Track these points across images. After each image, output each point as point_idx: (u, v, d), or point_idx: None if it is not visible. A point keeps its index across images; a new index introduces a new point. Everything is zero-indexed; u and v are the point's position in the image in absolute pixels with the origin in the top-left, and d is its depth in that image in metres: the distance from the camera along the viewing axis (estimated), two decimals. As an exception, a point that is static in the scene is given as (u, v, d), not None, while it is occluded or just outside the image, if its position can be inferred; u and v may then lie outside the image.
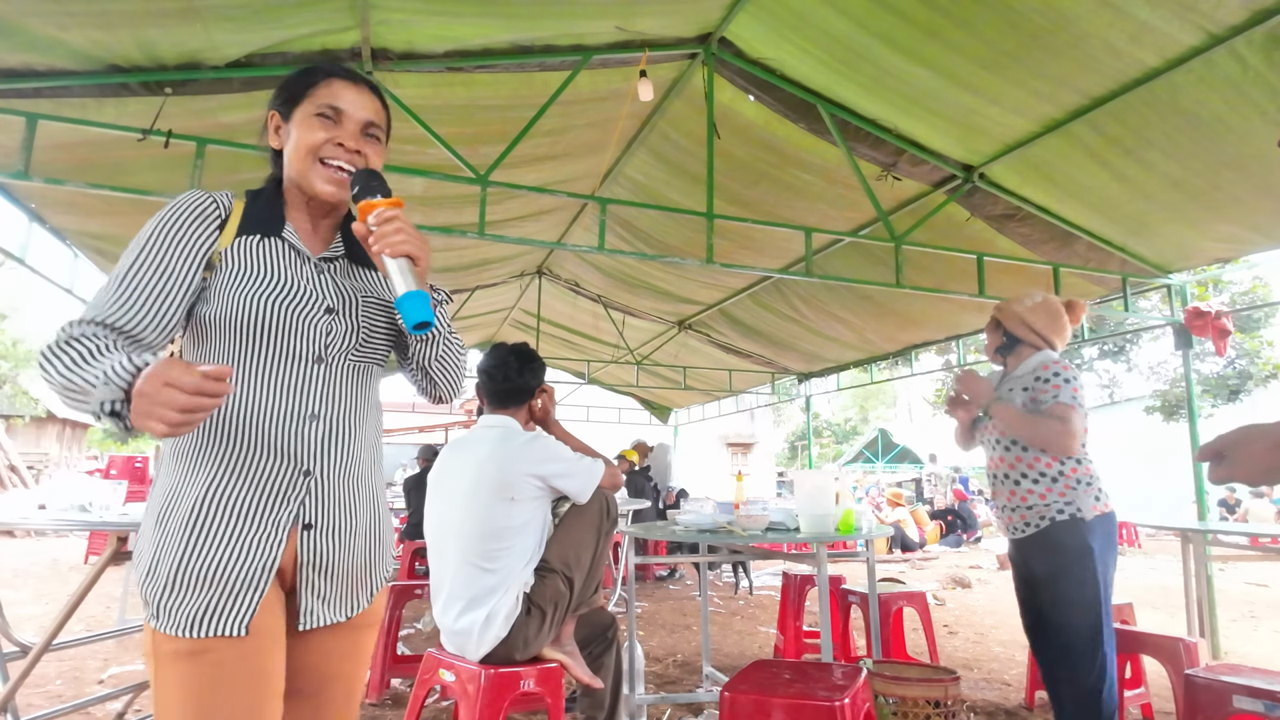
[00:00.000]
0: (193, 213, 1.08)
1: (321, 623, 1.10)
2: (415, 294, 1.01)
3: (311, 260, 1.14)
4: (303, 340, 1.08)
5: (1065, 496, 2.28)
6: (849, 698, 1.82)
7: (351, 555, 1.11)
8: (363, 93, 1.15)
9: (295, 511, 1.05)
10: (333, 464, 1.09)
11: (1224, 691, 2.13)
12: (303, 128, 1.11)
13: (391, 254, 1.02)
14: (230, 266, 1.08)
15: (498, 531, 2.15)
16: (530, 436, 2.29)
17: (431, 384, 1.25)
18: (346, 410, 1.12)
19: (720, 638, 4.84)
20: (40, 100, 2.93)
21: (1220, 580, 5.31)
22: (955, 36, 2.99)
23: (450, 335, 1.24)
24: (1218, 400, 16.17)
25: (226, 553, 1.02)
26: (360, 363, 1.15)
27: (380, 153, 1.18)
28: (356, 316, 1.14)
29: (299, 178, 1.11)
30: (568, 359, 9.85)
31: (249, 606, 1.02)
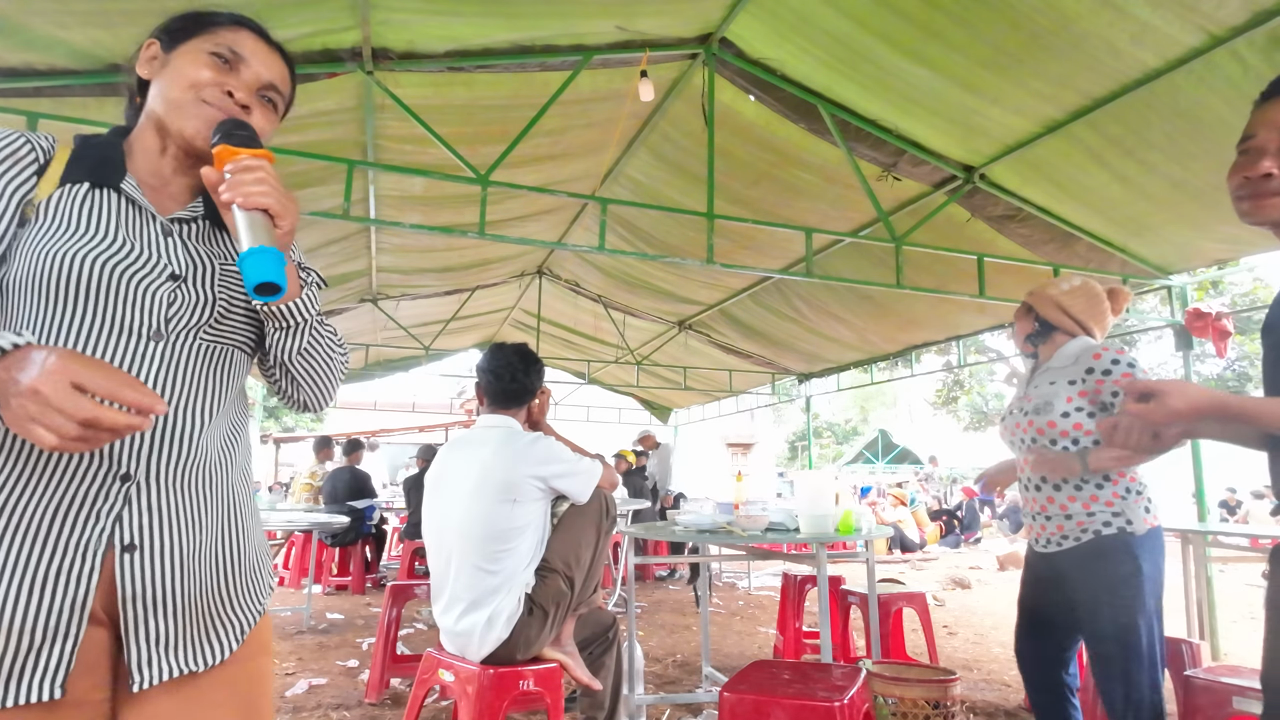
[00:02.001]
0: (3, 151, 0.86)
1: (165, 676, 0.84)
2: (262, 250, 0.82)
3: (157, 219, 0.92)
4: (136, 310, 0.86)
5: (1113, 506, 2.01)
6: (848, 698, 1.82)
7: (197, 582, 0.87)
8: (273, 54, 0.99)
9: (109, 529, 0.81)
10: (166, 465, 0.85)
11: (1224, 692, 2.13)
12: (189, 61, 0.92)
13: (244, 205, 0.84)
14: (44, 220, 0.85)
15: (500, 533, 2.15)
16: (533, 437, 2.30)
17: (293, 384, 1.02)
18: (191, 399, 0.89)
19: (720, 638, 4.84)
20: (41, 99, 2.93)
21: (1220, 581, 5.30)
22: (956, 37, 2.99)
23: (321, 327, 1.01)
24: (1218, 401, 16.16)
25: (17, 589, 0.76)
26: (214, 344, 0.93)
27: (273, 122, 1.00)
28: (210, 287, 0.92)
29: (165, 110, 0.91)
30: (568, 359, 9.85)
31: (59, 662, 0.78)
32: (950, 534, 12.32)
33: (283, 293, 0.83)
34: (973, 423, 19.33)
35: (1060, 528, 2.08)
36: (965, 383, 18.98)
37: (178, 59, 0.93)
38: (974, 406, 19.26)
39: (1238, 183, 1.11)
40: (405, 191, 4.63)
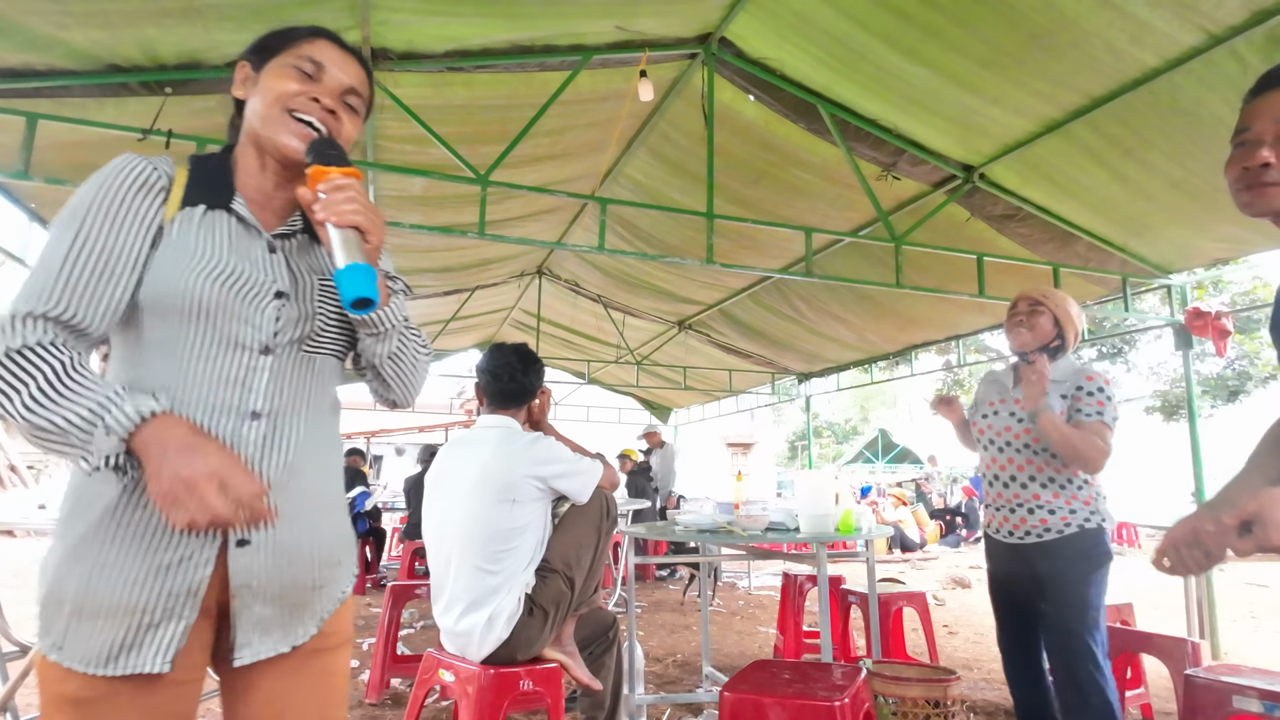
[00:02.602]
0: (135, 181, 0.93)
1: (262, 655, 0.95)
2: (356, 266, 0.89)
3: (264, 236, 0.99)
4: (248, 327, 0.94)
5: (1090, 505, 2.22)
6: (848, 698, 1.82)
7: (296, 575, 0.96)
8: (350, 59, 1.04)
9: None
10: (275, 469, 0.94)
11: (1224, 692, 2.13)
12: (275, 76, 0.98)
13: (338, 223, 0.91)
14: (169, 242, 0.93)
15: (500, 533, 2.15)
16: (532, 437, 2.29)
17: (384, 385, 1.10)
18: (295, 408, 0.97)
19: (720, 638, 4.84)
20: (40, 100, 2.93)
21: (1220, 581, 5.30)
22: (955, 36, 2.99)
23: (408, 332, 1.08)
24: (1217, 401, 16.17)
25: (142, 575, 0.86)
26: (314, 355, 1.00)
27: (358, 126, 1.05)
28: (310, 302, 1.00)
29: (261, 127, 0.97)
30: (568, 359, 9.85)
31: (172, 639, 0.87)
32: (950, 534, 12.32)
33: (375, 305, 0.91)
34: (973, 422, 19.30)
35: (1043, 521, 2.25)
36: (965, 382, 18.97)
37: (265, 77, 0.99)
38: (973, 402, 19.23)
39: (1236, 174, 1.11)
40: (405, 191, 4.63)
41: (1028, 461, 2.29)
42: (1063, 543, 2.21)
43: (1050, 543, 2.23)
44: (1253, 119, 1.10)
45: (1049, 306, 2.34)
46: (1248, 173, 1.09)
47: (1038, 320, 2.34)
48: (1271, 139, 1.07)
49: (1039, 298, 2.37)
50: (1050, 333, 2.34)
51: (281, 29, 1.04)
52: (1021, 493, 2.29)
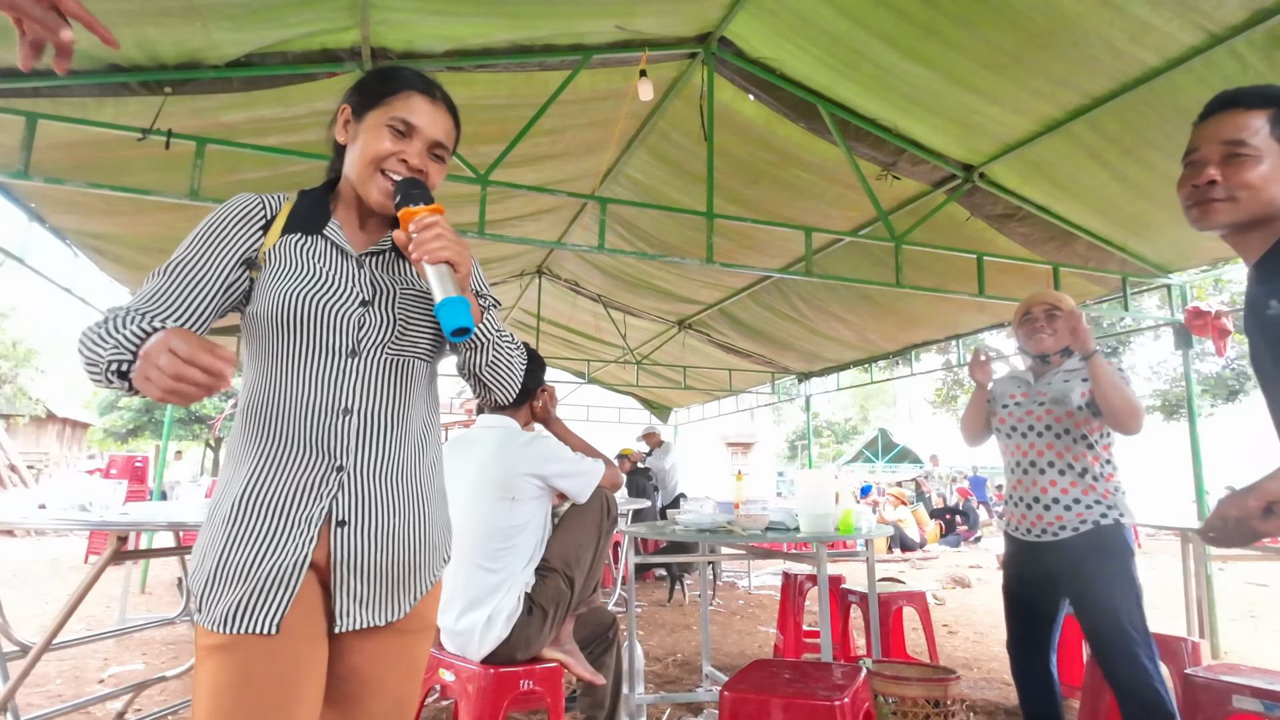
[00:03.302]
0: (236, 215, 1.11)
1: (357, 625, 1.07)
2: (452, 300, 1.00)
3: (353, 256, 1.14)
4: (336, 334, 1.08)
5: (1108, 499, 2.21)
6: (848, 697, 1.82)
7: (389, 555, 1.08)
8: (439, 111, 1.18)
9: (327, 508, 1.05)
10: (367, 459, 1.07)
11: (1223, 691, 2.13)
12: (371, 136, 1.11)
13: (430, 260, 1.02)
14: (272, 264, 1.10)
15: (500, 531, 2.15)
16: (531, 436, 2.30)
17: (485, 389, 1.23)
18: (383, 404, 1.10)
19: (720, 637, 4.84)
20: (40, 99, 2.93)
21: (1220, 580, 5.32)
22: (955, 36, 2.98)
23: (500, 340, 1.19)
24: (1217, 400, 16.18)
25: (259, 549, 1.02)
26: (399, 356, 1.13)
27: (442, 172, 1.19)
28: (392, 309, 1.12)
29: (357, 182, 1.13)
30: (568, 359, 9.85)
31: (279, 605, 1.01)
32: (950, 533, 12.33)
33: (472, 333, 1.03)
34: (973, 422, 19.30)
35: (1059, 518, 2.23)
36: (965, 381, 18.98)
37: (363, 132, 1.12)
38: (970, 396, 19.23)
39: (1186, 192, 1.22)
40: (405, 191, 4.62)
41: (1048, 446, 2.30)
42: (1079, 541, 2.19)
43: (1067, 541, 2.21)
44: (1200, 140, 1.21)
45: (1073, 325, 2.33)
46: (1196, 190, 1.20)
47: (1056, 325, 2.38)
48: (1217, 159, 1.18)
49: (1055, 302, 2.41)
50: (1066, 341, 2.38)
51: (383, 74, 1.16)
52: (1040, 479, 2.29)
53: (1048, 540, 2.25)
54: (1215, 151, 1.18)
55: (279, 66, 3.02)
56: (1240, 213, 1.17)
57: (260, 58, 2.98)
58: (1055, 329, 2.39)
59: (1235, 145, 1.17)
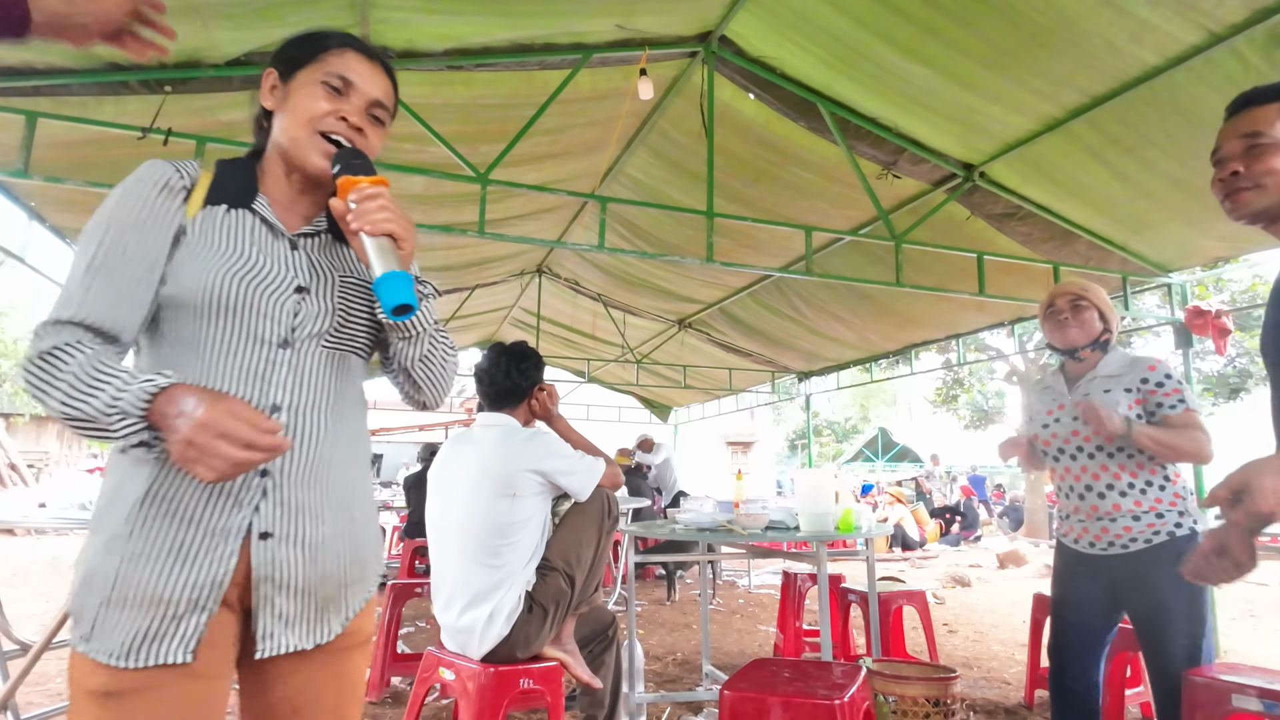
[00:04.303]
0: (156, 185, 0.97)
1: (283, 649, 0.95)
2: (395, 275, 0.91)
3: (285, 235, 1.02)
4: (267, 321, 0.96)
5: (1177, 506, 2.05)
6: (848, 696, 1.82)
7: (319, 569, 0.97)
8: (376, 69, 1.04)
9: (249, 518, 0.92)
10: (296, 463, 0.96)
11: (1223, 690, 2.12)
12: (305, 95, 1.00)
13: (371, 231, 0.92)
14: (193, 240, 0.96)
15: (501, 528, 2.16)
16: (531, 433, 2.31)
17: (415, 387, 1.11)
18: (316, 402, 0.99)
19: (720, 636, 4.84)
20: (40, 98, 2.93)
21: (1220, 579, 5.32)
22: (955, 35, 2.98)
23: (437, 334, 1.09)
24: (1218, 399, 16.17)
25: (168, 565, 0.88)
26: (335, 350, 1.02)
27: (381, 136, 1.07)
28: (331, 298, 1.01)
29: (290, 146, 1.00)
30: (568, 358, 9.85)
31: (194, 629, 0.89)
32: (950, 532, 12.33)
33: (415, 311, 0.93)
34: (973, 421, 19.31)
35: (1127, 529, 2.07)
36: (965, 381, 18.97)
37: (295, 91, 1.01)
38: (974, 405, 19.24)
39: (1217, 188, 1.32)
40: (404, 190, 4.62)
41: (1102, 468, 2.13)
42: (1152, 554, 2.03)
43: (1137, 554, 2.05)
44: (1222, 140, 1.32)
45: (1092, 300, 2.24)
46: (1223, 184, 1.30)
47: (1084, 316, 2.23)
48: (1239, 153, 1.28)
49: (1080, 292, 2.26)
50: (1098, 328, 2.24)
51: (308, 36, 1.04)
52: (1100, 503, 2.11)
53: (1115, 553, 2.08)
54: (1237, 146, 1.28)
55: (279, 65, 3.02)
56: (1269, 198, 1.25)
57: (260, 57, 2.98)
58: (1082, 320, 2.23)
59: (1253, 137, 1.26)
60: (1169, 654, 2.01)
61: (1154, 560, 2.02)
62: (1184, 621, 1.99)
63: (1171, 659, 2.01)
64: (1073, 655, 2.20)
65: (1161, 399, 2.08)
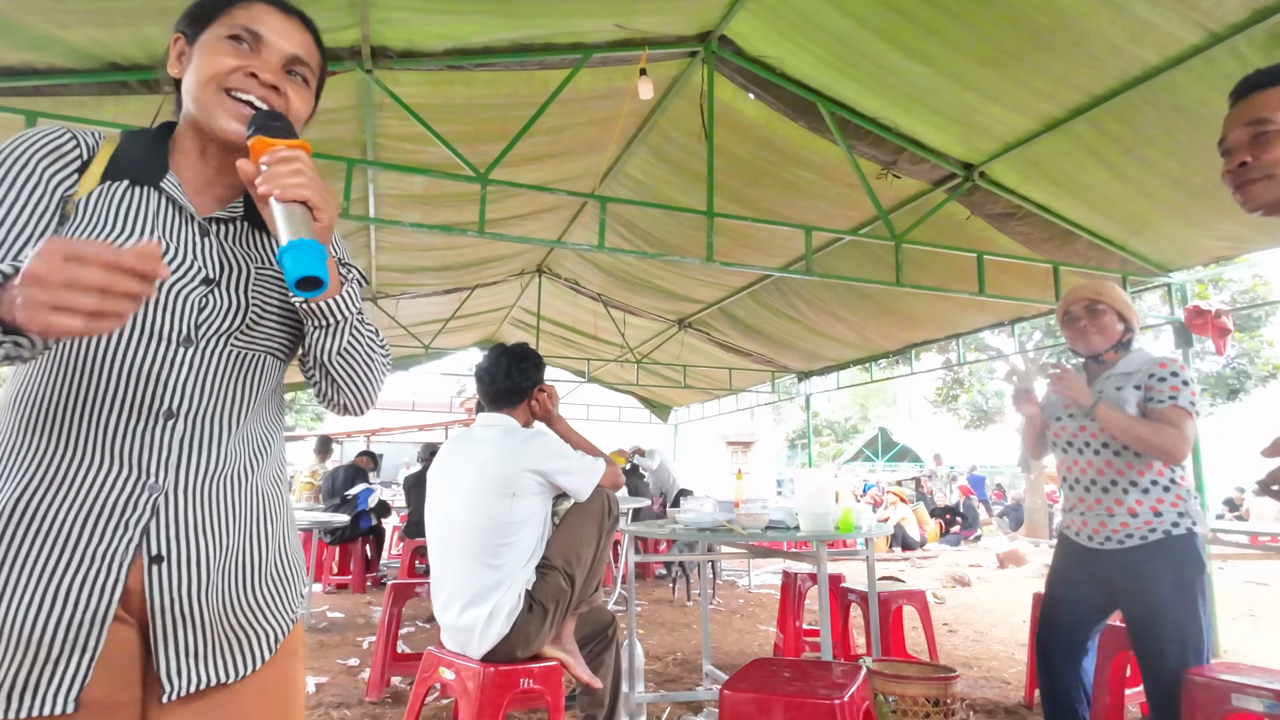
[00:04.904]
0: (42, 149, 0.84)
1: (195, 685, 0.83)
2: (302, 243, 0.78)
3: (195, 219, 0.89)
4: (165, 314, 0.83)
5: (1178, 507, 2.07)
6: (848, 696, 1.82)
7: (225, 593, 0.85)
8: (291, 22, 0.92)
9: (136, 540, 0.79)
10: (195, 476, 0.84)
11: (1223, 690, 2.12)
12: (208, 50, 0.87)
13: (281, 197, 0.80)
14: (80, 219, 0.83)
15: (501, 527, 2.17)
16: (530, 434, 2.31)
17: (333, 386, 0.96)
18: (221, 408, 0.87)
19: (720, 636, 4.84)
20: (40, 98, 2.93)
21: (1220, 579, 5.32)
22: (956, 34, 2.98)
23: (363, 327, 0.96)
24: (1217, 399, 16.17)
25: (39, 598, 0.75)
26: (246, 350, 0.90)
27: (307, 100, 0.94)
28: (243, 291, 0.89)
29: (198, 111, 0.87)
30: (568, 358, 9.85)
31: (76, 673, 0.76)
32: (950, 532, 12.33)
33: (324, 288, 0.79)
34: (973, 420, 19.33)
35: (1124, 524, 2.10)
36: (965, 381, 18.97)
37: (199, 52, 0.89)
38: (974, 404, 19.26)
39: (1227, 180, 1.26)
40: (405, 190, 4.62)
41: (1107, 464, 2.16)
42: (1147, 550, 2.05)
43: (1133, 550, 2.07)
44: (1228, 129, 1.25)
45: (1109, 302, 2.23)
46: (1231, 175, 1.24)
47: (1102, 320, 2.22)
48: (1246, 141, 1.22)
49: (1095, 296, 2.24)
50: (1118, 329, 2.23)
51: None
52: (1103, 497, 2.15)
53: (1111, 548, 2.12)
54: (1243, 135, 1.21)
55: (279, 65, 3.02)
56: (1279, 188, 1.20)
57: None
58: (1102, 325, 2.21)
59: (1259, 124, 1.20)
60: (1159, 651, 2.02)
61: (1149, 557, 2.05)
62: (1177, 620, 1.99)
63: (1161, 656, 2.02)
64: (1057, 644, 2.24)
65: (1154, 393, 2.10)
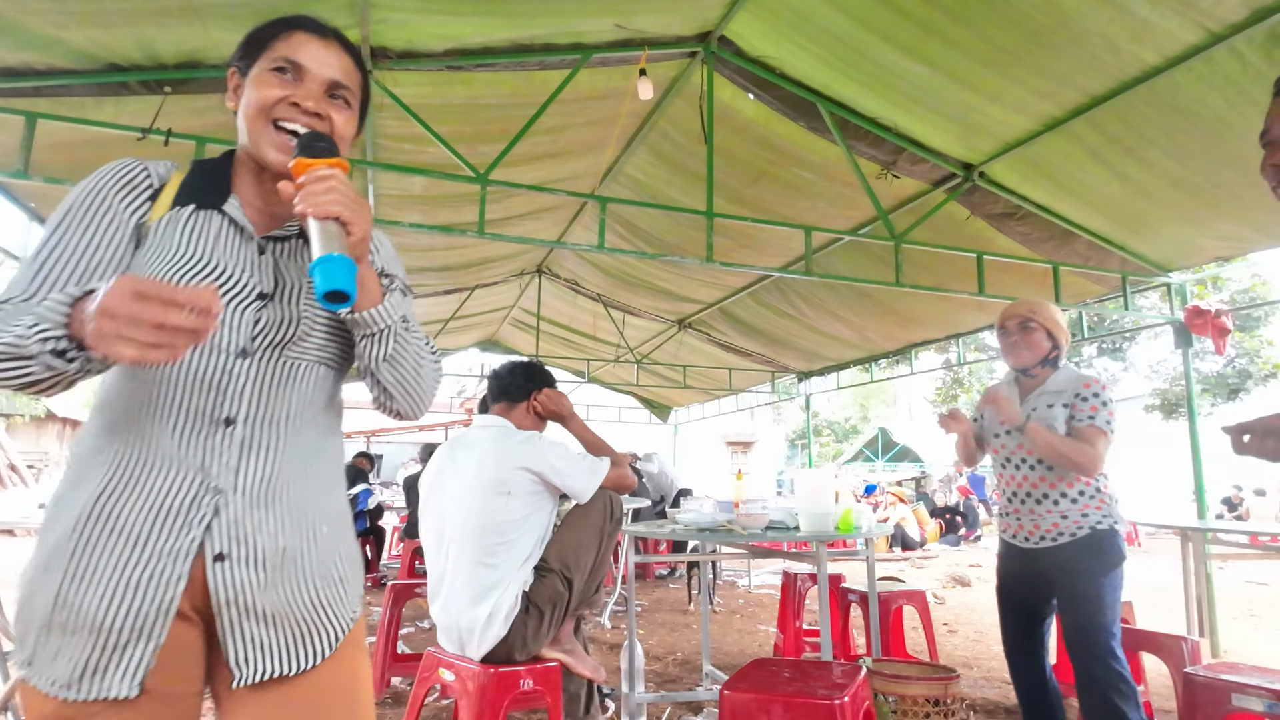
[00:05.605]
0: (117, 182, 0.93)
1: (263, 675, 0.89)
2: (331, 258, 0.83)
3: (255, 239, 0.97)
4: (224, 328, 0.90)
5: (1102, 510, 2.29)
6: (848, 696, 1.82)
7: (288, 592, 0.91)
8: (330, 47, 0.98)
9: (199, 538, 0.86)
10: (253, 480, 0.90)
11: (1223, 690, 2.13)
12: (256, 83, 0.95)
13: (315, 214, 0.85)
14: (155, 241, 0.92)
15: (497, 527, 2.17)
16: (527, 435, 2.34)
17: (385, 394, 1.02)
18: (276, 415, 0.93)
19: (720, 636, 4.84)
20: (40, 99, 2.93)
21: (1220, 579, 5.31)
22: (955, 34, 2.98)
23: (408, 334, 1.01)
24: (1217, 399, 16.17)
25: (111, 588, 0.82)
26: (299, 360, 0.96)
27: (350, 120, 1.00)
28: (296, 305, 0.96)
29: (249, 142, 0.95)
30: (568, 358, 9.85)
31: (140, 660, 0.83)
32: (950, 532, 12.33)
33: (352, 300, 0.85)
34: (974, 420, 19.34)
35: (1056, 525, 2.31)
36: (965, 380, 18.98)
37: (249, 85, 0.96)
38: (974, 404, 19.27)
39: (1268, 173, 1.20)
40: (404, 190, 4.62)
41: (1041, 479, 2.35)
42: (1075, 545, 2.27)
43: (1064, 545, 2.29)
44: (1271, 120, 1.18)
45: (1039, 321, 2.41)
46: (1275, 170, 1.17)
47: (1032, 337, 2.41)
48: None
49: (1028, 314, 2.43)
50: (1046, 346, 2.41)
51: (258, 27, 0.99)
52: (1037, 508, 2.35)
53: (1046, 546, 2.32)
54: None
55: (278, 66, 3.02)
56: None
57: (260, 57, 2.98)
58: (1031, 341, 2.40)
59: None
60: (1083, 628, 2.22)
61: (1076, 551, 2.27)
62: (1098, 604, 2.21)
63: (1081, 630, 2.22)
64: (1020, 642, 2.43)
65: (1077, 411, 2.31)
